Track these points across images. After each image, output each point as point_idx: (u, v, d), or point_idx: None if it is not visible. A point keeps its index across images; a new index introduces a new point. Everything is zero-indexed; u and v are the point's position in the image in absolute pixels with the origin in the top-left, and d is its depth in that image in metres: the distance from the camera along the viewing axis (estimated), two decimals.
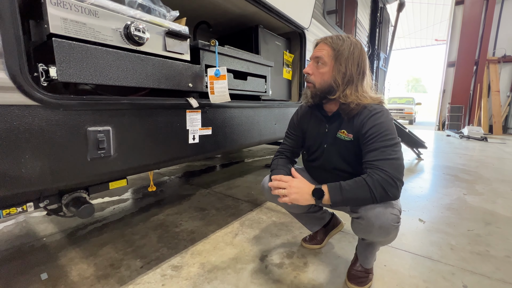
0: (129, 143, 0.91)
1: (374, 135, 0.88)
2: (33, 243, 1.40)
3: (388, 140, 0.87)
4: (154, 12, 1.02)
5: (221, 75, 1.18)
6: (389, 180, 0.82)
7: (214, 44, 1.20)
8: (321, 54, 0.95)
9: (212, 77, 1.18)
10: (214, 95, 1.19)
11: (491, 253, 1.31)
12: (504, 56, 7.82)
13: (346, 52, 0.93)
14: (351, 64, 0.93)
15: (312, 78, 0.98)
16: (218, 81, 1.19)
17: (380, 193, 0.82)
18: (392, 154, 0.85)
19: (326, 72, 0.95)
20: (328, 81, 0.95)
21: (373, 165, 0.85)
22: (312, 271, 1.16)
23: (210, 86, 1.19)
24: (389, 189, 0.82)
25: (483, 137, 5.99)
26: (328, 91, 0.96)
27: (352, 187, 0.85)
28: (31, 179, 0.69)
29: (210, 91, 1.19)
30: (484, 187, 2.41)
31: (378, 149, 0.86)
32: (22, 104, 0.65)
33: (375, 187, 0.82)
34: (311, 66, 0.98)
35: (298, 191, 0.89)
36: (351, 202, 0.87)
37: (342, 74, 0.93)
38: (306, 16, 2.08)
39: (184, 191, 2.26)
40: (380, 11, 4.51)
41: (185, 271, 1.16)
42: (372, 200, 0.84)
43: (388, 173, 0.82)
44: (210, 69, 1.19)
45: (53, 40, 0.68)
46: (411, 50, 20.38)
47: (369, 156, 0.88)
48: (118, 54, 0.84)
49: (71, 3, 0.72)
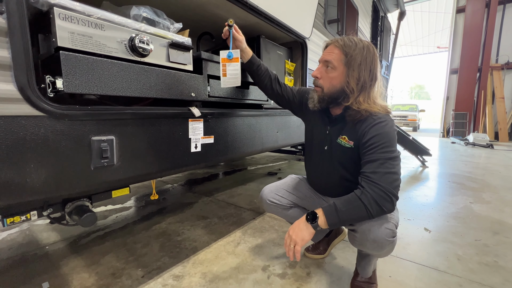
0: (132, 152, 0.92)
1: (375, 146, 0.87)
2: (36, 252, 1.40)
3: (387, 152, 0.85)
4: (158, 24, 1.05)
5: (234, 57, 1.15)
6: (383, 195, 0.81)
7: (232, 23, 1.13)
8: (331, 58, 0.92)
9: (224, 60, 1.15)
10: (226, 77, 1.17)
11: (499, 264, 1.27)
12: (507, 63, 7.80)
13: (359, 57, 0.89)
14: (364, 69, 0.90)
15: (320, 82, 0.95)
16: (231, 63, 1.16)
17: (376, 209, 0.81)
18: (389, 168, 0.83)
19: (336, 77, 0.92)
20: (337, 86, 0.92)
21: (369, 178, 0.84)
22: (315, 281, 1.14)
23: (223, 68, 1.16)
24: (384, 204, 0.81)
25: (489, 144, 5.91)
26: (337, 96, 0.94)
27: (348, 208, 0.84)
28: (35, 188, 0.70)
29: (222, 73, 1.16)
30: (491, 195, 2.37)
31: (377, 160, 0.85)
32: (29, 115, 0.66)
33: (370, 205, 0.81)
34: (320, 70, 0.95)
35: (296, 231, 0.89)
36: (348, 222, 0.87)
37: (356, 80, 0.90)
38: (307, 26, 2.11)
39: (187, 199, 2.26)
40: (381, 19, 4.56)
41: (187, 281, 1.15)
42: (369, 217, 0.83)
43: (383, 188, 0.81)
44: (222, 51, 1.16)
45: (61, 53, 0.71)
46: (414, 57, 20.46)
47: (367, 168, 0.87)
48: (123, 66, 0.86)
49: (78, 18, 0.75)
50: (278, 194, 1.18)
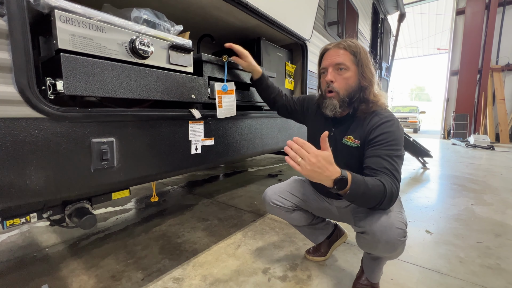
0: (132, 154, 0.92)
1: (382, 142, 0.88)
2: (35, 254, 1.40)
3: (395, 150, 0.87)
4: (159, 26, 1.05)
5: (229, 90, 1.21)
6: (395, 192, 0.82)
7: (225, 59, 1.22)
8: (342, 59, 0.95)
9: (220, 92, 1.20)
10: (222, 108, 1.20)
11: (502, 267, 1.26)
12: (507, 65, 7.80)
13: (363, 54, 0.95)
14: (369, 64, 0.96)
15: (335, 86, 0.96)
16: (226, 96, 1.21)
17: (387, 201, 0.81)
18: (396, 166, 0.85)
19: (351, 77, 0.95)
20: (354, 85, 0.95)
21: (383, 172, 0.83)
22: (316, 284, 1.13)
23: (218, 100, 1.20)
24: (393, 199, 0.82)
25: (490, 146, 5.90)
26: (354, 94, 0.96)
27: (372, 186, 0.78)
28: (35, 190, 0.70)
29: (218, 105, 1.20)
30: (493, 197, 2.36)
31: (384, 156, 0.86)
32: (29, 117, 0.66)
33: (388, 195, 0.80)
34: (333, 73, 0.96)
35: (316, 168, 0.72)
36: (360, 200, 0.80)
37: (370, 74, 0.95)
38: (307, 28, 2.12)
39: (187, 201, 2.26)
40: (381, 21, 4.58)
41: (187, 284, 1.14)
42: (376, 205, 0.81)
43: (396, 184, 0.83)
44: (217, 84, 1.21)
45: (61, 55, 0.71)
46: (414, 59, 20.48)
47: (376, 162, 0.86)
48: (123, 68, 0.86)
49: (79, 20, 0.75)
50: (282, 196, 1.17)
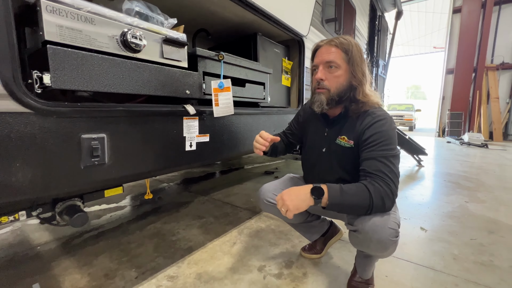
0: (124, 151, 0.89)
1: (376, 143, 0.86)
2: (27, 252, 1.37)
3: (389, 150, 0.86)
4: (152, 19, 1.02)
5: (225, 87, 1.18)
6: (389, 192, 0.81)
7: (222, 58, 1.19)
8: (333, 57, 0.92)
9: (216, 89, 1.17)
10: (218, 107, 1.17)
11: (495, 263, 1.27)
12: (502, 64, 7.87)
13: (356, 52, 0.92)
14: (362, 62, 0.93)
15: (326, 84, 0.94)
16: (223, 93, 1.18)
17: (377, 204, 0.80)
18: (392, 166, 0.84)
19: (342, 75, 0.93)
20: (344, 84, 0.93)
21: (375, 174, 0.83)
22: (311, 282, 1.13)
23: (215, 98, 1.17)
24: (387, 201, 0.81)
25: (484, 144, 5.96)
26: (345, 93, 0.94)
27: (353, 193, 0.81)
28: (22, 187, 0.67)
29: (215, 103, 1.17)
30: (486, 194, 2.38)
31: (379, 158, 0.84)
32: (14, 111, 0.64)
33: (376, 197, 0.80)
34: (323, 71, 0.94)
35: (293, 198, 0.82)
36: (347, 208, 0.83)
37: (361, 74, 0.93)
38: (304, 24, 2.09)
39: (182, 198, 2.24)
40: (379, 19, 4.56)
41: (181, 282, 1.13)
42: (367, 210, 0.81)
43: (390, 186, 0.81)
44: (213, 81, 1.18)
45: (48, 47, 0.68)
46: (410, 57, 20.56)
47: (370, 164, 0.85)
48: (114, 61, 0.84)
49: (67, 11, 0.72)
50: (276, 194, 1.16)
